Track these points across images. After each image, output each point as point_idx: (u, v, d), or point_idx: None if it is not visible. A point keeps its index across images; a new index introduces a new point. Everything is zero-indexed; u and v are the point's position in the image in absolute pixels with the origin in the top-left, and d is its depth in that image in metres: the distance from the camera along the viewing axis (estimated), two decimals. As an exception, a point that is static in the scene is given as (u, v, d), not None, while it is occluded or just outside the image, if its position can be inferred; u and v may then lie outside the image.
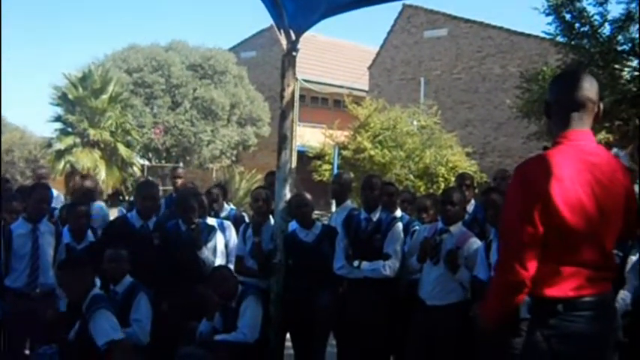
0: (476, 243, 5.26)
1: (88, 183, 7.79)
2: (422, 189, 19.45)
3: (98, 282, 5.29)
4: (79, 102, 22.85)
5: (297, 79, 6.78)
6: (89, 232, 6.05)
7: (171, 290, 5.68)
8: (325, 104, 33.75)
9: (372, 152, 20.30)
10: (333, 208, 7.26)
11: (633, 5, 11.17)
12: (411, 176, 20.41)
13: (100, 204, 7.65)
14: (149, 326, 5.14)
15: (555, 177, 2.70)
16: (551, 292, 2.77)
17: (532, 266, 2.74)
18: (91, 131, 22.36)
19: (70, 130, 22.94)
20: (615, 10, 24.75)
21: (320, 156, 22.50)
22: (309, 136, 26.76)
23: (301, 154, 25.30)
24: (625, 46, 11.59)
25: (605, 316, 2.84)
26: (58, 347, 4.98)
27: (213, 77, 26.91)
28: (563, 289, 2.77)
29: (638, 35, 11.52)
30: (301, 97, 30.86)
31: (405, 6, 28.08)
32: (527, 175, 2.79)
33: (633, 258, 4.96)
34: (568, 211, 2.72)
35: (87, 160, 21.99)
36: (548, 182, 2.70)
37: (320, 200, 13.85)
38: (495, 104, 25.28)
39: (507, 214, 2.91)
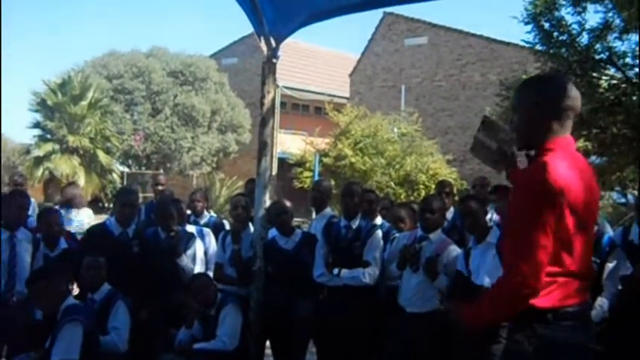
0: (455, 250, 5.29)
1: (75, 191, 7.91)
2: (402, 196, 19.51)
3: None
4: (58, 108, 22.76)
5: (277, 86, 6.78)
6: (62, 240, 5.99)
7: (150, 298, 5.65)
8: (306, 111, 33.80)
9: (353, 159, 20.35)
10: (314, 216, 7.25)
11: (610, 14, 11.30)
12: (392, 183, 20.47)
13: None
14: (127, 334, 5.10)
15: (564, 185, 2.63)
16: (543, 302, 2.70)
17: (543, 277, 2.65)
18: (70, 138, 22.26)
19: (48, 136, 22.84)
20: (593, 19, 25.07)
21: (301, 163, 22.53)
22: (290, 143, 26.79)
23: (282, 161, 25.32)
24: (602, 55, 11.69)
25: (586, 325, 2.83)
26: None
27: (194, 84, 26.88)
28: (554, 298, 2.72)
29: (615, 44, 11.66)
30: (282, 104, 30.87)
31: (385, 14, 28.23)
32: (539, 181, 2.66)
33: (610, 265, 4.99)
34: (574, 220, 2.68)
35: (66, 166, 21.89)
36: (560, 190, 2.62)
37: (300, 207, 13.81)
38: (476, 112, 25.40)
39: (520, 223, 2.71)
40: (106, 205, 22.96)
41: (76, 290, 5.56)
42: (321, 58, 35.39)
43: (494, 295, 2.83)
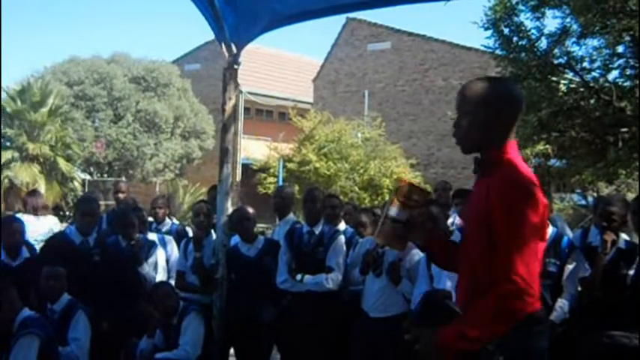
0: (418, 254, 5.30)
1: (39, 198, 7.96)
2: (366, 201, 19.58)
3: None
4: (17, 115, 22.41)
5: (240, 92, 6.75)
6: (24, 249, 5.88)
7: (112, 307, 5.58)
8: (270, 117, 33.75)
9: (317, 164, 20.36)
10: (277, 222, 7.24)
11: (568, 20, 11.46)
12: (356, 188, 20.54)
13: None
14: (88, 344, 5.04)
15: (539, 189, 2.61)
16: None
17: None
18: (30, 145, 21.91)
19: (8, 144, 22.43)
20: (551, 24, 25.45)
21: (265, 169, 22.47)
22: (253, 148, 26.74)
23: (246, 167, 25.25)
24: (561, 60, 11.85)
25: (548, 328, 2.82)
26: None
27: (157, 90, 26.61)
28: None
29: (573, 49, 11.85)
30: (246, 109, 30.79)
31: (348, 19, 28.33)
32: (519, 182, 2.59)
33: (569, 267, 5.05)
34: (545, 224, 2.69)
35: (26, 174, 21.52)
36: (538, 189, 2.59)
37: (265, 213, 13.79)
38: (438, 116, 25.64)
39: (510, 226, 2.53)
40: (67, 213, 22.64)
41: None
42: (284, 63, 35.38)
43: (491, 306, 2.53)
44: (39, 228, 7.76)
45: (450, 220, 6.27)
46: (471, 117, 2.76)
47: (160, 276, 5.99)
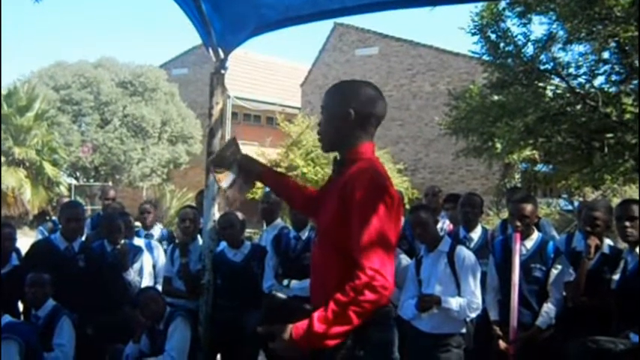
0: (405, 259, 5.31)
1: None
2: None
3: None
4: (3, 120, 22.29)
5: (228, 97, 6.72)
6: (14, 256, 5.81)
7: (97, 313, 5.54)
8: (258, 121, 33.72)
9: (305, 170, 20.37)
10: (265, 227, 7.22)
11: (554, 26, 11.54)
12: (344, 193, 20.54)
13: None
14: (72, 351, 5.01)
15: (392, 186, 2.75)
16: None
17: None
18: (16, 150, 21.82)
19: (-7, 149, 22.34)
20: (538, 30, 25.63)
21: (253, 173, 22.43)
22: (241, 153, 26.63)
23: (234, 172, 25.04)
24: (547, 65, 11.91)
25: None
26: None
27: (144, 94, 26.56)
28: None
29: (559, 55, 11.92)
30: (234, 114, 30.74)
31: (336, 24, 28.40)
32: (380, 182, 2.71)
33: (555, 271, 5.06)
34: (399, 221, 2.81)
35: (12, 179, 21.44)
36: (393, 191, 2.73)
37: (252, 218, 13.75)
38: (426, 121, 25.74)
39: (374, 224, 2.58)
40: (54, 218, 22.53)
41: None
42: (272, 68, 35.40)
43: (345, 300, 2.49)
44: None
45: (439, 225, 6.28)
46: (327, 117, 2.97)
47: (146, 281, 5.97)
